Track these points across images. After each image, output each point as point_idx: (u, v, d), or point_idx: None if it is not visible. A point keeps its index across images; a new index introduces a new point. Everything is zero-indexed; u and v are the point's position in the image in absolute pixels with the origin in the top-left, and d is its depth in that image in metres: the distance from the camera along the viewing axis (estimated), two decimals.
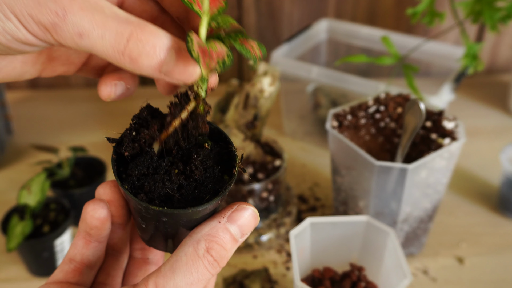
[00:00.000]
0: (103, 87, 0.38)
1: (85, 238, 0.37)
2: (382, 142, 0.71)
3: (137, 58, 0.31)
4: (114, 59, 0.32)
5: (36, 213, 0.70)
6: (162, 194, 0.34)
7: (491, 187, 0.86)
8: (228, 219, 0.34)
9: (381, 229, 0.59)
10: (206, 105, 0.36)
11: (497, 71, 1.22)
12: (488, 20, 0.70)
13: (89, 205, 0.36)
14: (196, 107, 0.35)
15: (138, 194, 0.34)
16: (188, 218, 0.34)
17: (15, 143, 0.97)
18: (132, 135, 0.36)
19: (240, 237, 0.34)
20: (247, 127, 0.73)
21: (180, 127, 0.36)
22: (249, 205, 0.35)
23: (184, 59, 0.32)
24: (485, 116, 1.05)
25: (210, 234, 0.33)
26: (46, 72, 0.39)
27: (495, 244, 0.75)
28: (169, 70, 0.32)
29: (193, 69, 0.32)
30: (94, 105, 1.09)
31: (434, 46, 0.93)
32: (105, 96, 0.38)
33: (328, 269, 0.62)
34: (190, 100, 0.35)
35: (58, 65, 0.39)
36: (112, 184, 0.37)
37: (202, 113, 0.35)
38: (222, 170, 0.36)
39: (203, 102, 0.35)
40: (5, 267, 0.71)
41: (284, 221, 0.76)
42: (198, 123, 0.35)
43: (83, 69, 0.41)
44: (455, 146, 0.63)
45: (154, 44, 0.31)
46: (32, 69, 0.38)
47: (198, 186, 0.35)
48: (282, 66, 0.89)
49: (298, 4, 1.12)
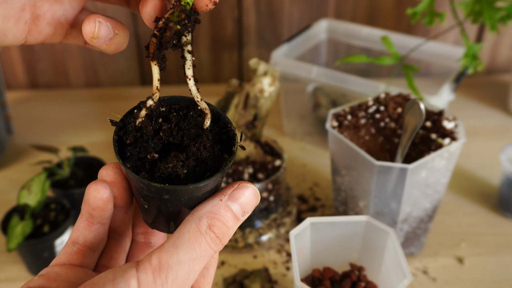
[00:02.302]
0: (86, 23, 0.36)
1: (88, 220, 0.37)
2: (382, 142, 0.71)
3: None
4: None
5: (36, 213, 0.70)
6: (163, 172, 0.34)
7: (491, 187, 0.86)
8: (230, 197, 0.34)
9: (381, 229, 0.59)
10: (182, 14, 0.34)
11: (497, 71, 1.22)
12: (488, 20, 0.70)
13: (91, 186, 0.36)
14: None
15: (140, 172, 0.34)
16: (189, 196, 0.34)
17: (15, 143, 0.97)
18: (135, 124, 0.36)
19: (242, 215, 0.35)
20: (247, 127, 0.73)
21: (180, 114, 0.36)
22: (250, 183, 0.35)
23: None
24: (485, 116, 1.05)
25: (212, 211, 0.33)
26: (32, 35, 0.38)
27: (495, 244, 0.75)
28: None
29: None
30: (94, 105, 1.09)
31: (434, 46, 0.93)
32: (88, 33, 0.36)
33: (328, 269, 0.62)
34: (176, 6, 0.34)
35: (44, 24, 0.38)
36: (114, 166, 0.37)
37: (174, 22, 0.34)
38: (222, 149, 0.37)
39: (180, 11, 0.34)
40: (5, 267, 0.71)
41: (284, 221, 0.76)
42: (169, 32, 0.34)
43: (71, 33, 0.39)
44: (455, 146, 0.63)
45: None
46: (16, 28, 0.37)
47: (199, 164, 0.35)
48: (282, 66, 0.89)
49: (298, 4, 1.12)
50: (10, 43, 0.38)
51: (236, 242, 0.73)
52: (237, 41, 1.15)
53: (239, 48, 1.16)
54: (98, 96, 1.13)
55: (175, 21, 0.33)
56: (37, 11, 0.37)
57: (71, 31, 0.39)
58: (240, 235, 0.73)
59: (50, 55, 1.13)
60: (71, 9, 0.39)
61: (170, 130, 0.36)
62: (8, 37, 0.37)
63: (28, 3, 0.37)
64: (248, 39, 1.15)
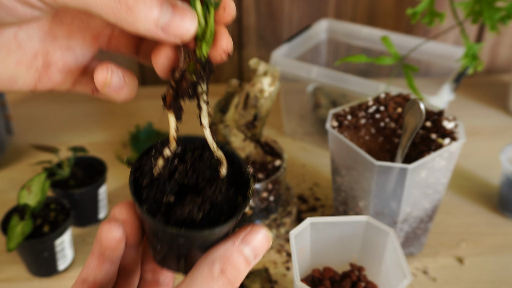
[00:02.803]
0: (98, 70, 0.36)
1: (99, 259, 0.37)
2: (382, 142, 0.71)
3: (134, 6, 0.31)
4: (109, 8, 0.31)
5: (36, 213, 0.70)
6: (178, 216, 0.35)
7: (491, 187, 0.86)
8: (242, 241, 0.34)
9: (381, 229, 0.59)
10: (199, 65, 0.34)
11: (497, 71, 1.22)
12: (488, 20, 0.70)
13: (104, 225, 0.36)
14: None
15: (156, 216, 0.34)
16: (203, 240, 0.34)
17: (15, 143, 0.97)
18: (151, 165, 0.36)
19: (254, 258, 0.35)
20: (247, 127, 0.73)
21: (194, 157, 0.37)
22: (262, 227, 0.35)
23: (181, 12, 0.32)
24: (485, 116, 1.05)
25: (225, 255, 0.34)
26: (42, 82, 0.38)
27: (495, 244, 0.75)
28: (166, 22, 0.32)
29: (190, 21, 0.32)
30: (94, 105, 1.09)
31: (434, 46, 0.93)
32: (100, 80, 0.36)
33: (328, 269, 0.62)
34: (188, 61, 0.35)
35: (55, 71, 0.38)
36: (128, 205, 0.37)
37: (191, 74, 0.34)
38: (236, 191, 0.37)
39: (196, 62, 0.34)
40: (5, 267, 0.71)
41: (284, 221, 0.76)
42: (186, 84, 0.35)
43: (80, 81, 0.40)
44: (455, 146, 0.63)
45: None
46: (27, 74, 0.37)
47: (214, 208, 0.35)
48: (282, 66, 0.89)
49: (298, 4, 1.12)
50: (19, 88, 0.38)
51: None
52: (237, 41, 1.15)
53: (239, 48, 1.16)
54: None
55: (191, 72, 0.34)
56: (49, 58, 0.38)
57: (80, 79, 0.40)
58: None
59: None
60: (82, 58, 0.39)
61: (186, 171, 0.36)
62: (18, 83, 0.37)
63: (41, 51, 0.37)
64: (248, 39, 1.15)
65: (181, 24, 0.32)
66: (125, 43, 0.40)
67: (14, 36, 0.36)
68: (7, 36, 0.35)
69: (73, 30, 0.38)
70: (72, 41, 0.38)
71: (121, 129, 1.00)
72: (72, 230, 0.76)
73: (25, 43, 0.36)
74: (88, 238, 0.77)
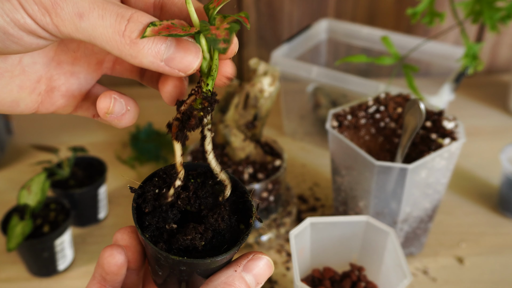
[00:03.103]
0: (102, 98, 0.36)
1: (100, 283, 0.37)
2: (382, 142, 0.71)
3: (138, 41, 0.31)
4: (114, 42, 0.31)
5: (36, 213, 0.70)
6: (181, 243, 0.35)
7: (491, 187, 0.86)
8: (244, 268, 0.35)
9: (381, 229, 0.59)
10: (205, 102, 0.35)
11: (497, 71, 1.22)
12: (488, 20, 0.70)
13: (106, 251, 0.37)
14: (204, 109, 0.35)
15: (158, 243, 0.34)
16: (205, 267, 0.35)
17: (15, 143, 0.97)
18: (155, 192, 0.36)
19: (255, 286, 0.35)
20: (247, 127, 0.73)
21: (196, 184, 0.37)
22: (264, 254, 0.36)
23: (184, 46, 0.32)
24: (485, 116, 1.05)
25: (227, 282, 0.34)
26: (44, 105, 0.38)
27: (495, 244, 0.75)
28: (169, 56, 0.32)
29: (194, 56, 0.33)
30: None
31: (434, 46, 0.93)
32: (103, 108, 0.36)
33: (328, 269, 0.62)
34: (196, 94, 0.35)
35: (57, 96, 0.38)
36: (130, 230, 0.38)
37: (197, 109, 0.35)
38: (238, 219, 0.37)
39: (202, 98, 0.35)
40: (5, 267, 0.71)
41: (284, 221, 0.76)
42: (192, 118, 0.35)
43: (82, 106, 0.40)
44: (455, 146, 0.63)
45: (156, 28, 0.31)
46: (29, 98, 0.37)
47: (216, 235, 0.36)
48: (282, 66, 0.89)
49: (298, 4, 1.12)
50: (21, 111, 0.38)
51: None
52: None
53: (239, 48, 1.16)
54: None
55: (198, 109, 0.34)
56: (53, 83, 0.38)
57: (82, 103, 0.40)
58: None
59: None
60: (85, 83, 0.39)
61: (188, 198, 0.37)
62: (20, 106, 0.37)
63: (45, 76, 0.37)
64: (248, 39, 1.15)
65: (185, 59, 0.32)
66: (129, 69, 0.40)
67: (18, 61, 0.36)
68: (11, 61, 0.35)
69: (78, 56, 0.38)
70: (76, 67, 0.38)
71: (121, 129, 1.00)
72: (72, 230, 0.76)
73: (29, 68, 0.36)
74: (88, 238, 0.77)
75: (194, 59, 0.33)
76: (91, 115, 0.40)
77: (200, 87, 0.35)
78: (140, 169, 0.90)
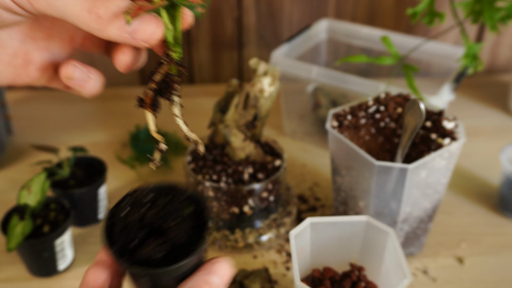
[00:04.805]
0: (64, 65, 0.41)
1: None
2: (382, 142, 0.71)
3: (103, 16, 0.35)
4: (82, 18, 0.35)
5: (36, 213, 0.70)
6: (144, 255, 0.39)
7: (491, 187, 0.86)
8: (209, 272, 0.38)
9: (381, 229, 0.59)
10: (180, 67, 0.39)
11: (497, 71, 1.22)
12: (488, 20, 0.70)
13: (90, 269, 0.39)
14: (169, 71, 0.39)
15: (123, 256, 0.38)
16: (168, 276, 0.38)
17: (15, 143, 0.97)
18: (123, 214, 0.40)
19: (222, 285, 0.39)
20: (247, 127, 0.73)
21: (165, 204, 0.41)
22: (224, 258, 0.40)
23: (146, 19, 0.36)
24: (485, 116, 1.05)
25: (195, 286, 0.37)
26: (20, 77, 0.42)
27: (495, 244, 0.75)
28: (133, 28, 0.36)
29: (154, 27, 0.37)
30: (94, 105, 1.09)
31: (434, 46, 0.93)
32: (64, 73, 0.41)
33: (328, 269, 0.62)
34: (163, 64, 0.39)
35: (33, 69, 0.42)
36: None
37: (174, 75, 0.39)
38: (200, 231, 0.40)
39: (176, 64, 0.39)
40: (5, 267, 0.71)
41: (284, 221, 0.76)
42: (172, 85, 0.39)
43: (55, 78, 0.43)
44: (455, 146, 0.63)
45: (119, 4, 0.36)
46: (7, 71, 0.41)
47: (177, 247, 0.39)
48: (282, 66, 0.89)
49: (298, 4, 1.12)
50: (0, 83, 0.42)
51: (236, 242, 0.73)
52: (237, 41, 1.15)
53: (239, 48, 1.16)
54: (98, 96, 1.13)
55: (176, 75, 0.39)
56: (28, 57, 0.41)
57: (54, 76, 0.44)
58: (240, 235, 0.73)
59: None
60: (58, 57, 0.43)
61: (154, 215, 0.40)
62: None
63: (21, 50, 0.41)
64: (248, 39, 1.15)
65: (147, 30, 0.36)
66: (97, 44, 0.45)
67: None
68: None
69: (52, 33, 0.42)
70: (50, 43, 0.42)
71: (121, 129, 1.00)
72: (72, 230, 0.76)
73: (7, 43, 0.40)
74: (88, 238, 0.77)
75: (156, 30, 0.37)
76: (63, 86, 0.44)
77: (169, 55, 0.39)
78: (140, 169, 0.90)
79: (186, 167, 0.74)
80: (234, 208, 0.71)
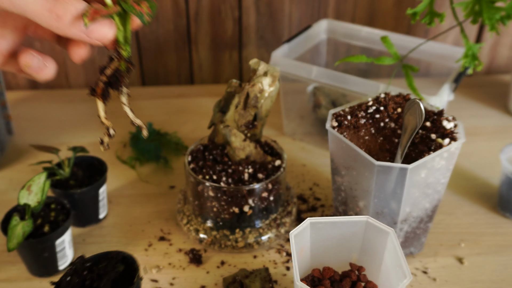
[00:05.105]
0: (23, 54, 0.46)
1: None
2: (382, 142, 0.71)
3: (62, 16, 0.40)
4: (42, 16, 0.40)
5: (36, 213, 0.70)
6: None
7: (491, 187, 0.86)
8: None
9: (381, 229, 0.59)
10: (129, 64, 0.46)
11: (497, 71, 1.22)
12: (488, 20, 0.70)
13: None
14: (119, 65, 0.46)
15: None
16: None
17: (15, 143, 0.97)
18: (67, 280, 0.56)
19: None
20: (247, 127, 0.73)
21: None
22: None
23: (100, 21, 0.42)
24: (485, 116, 1.05)
25: None
26: None
27: (495, 244, 0.75)
28: (89, 29, 0.41)
29: (107, 28, 0.43)
30: (94, 105, 1.09)
31: (434, 46, 0.93)
32: (23, 62, 0.46)
33: (328, 269, 0.62)
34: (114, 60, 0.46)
35: None
36: None
37: (123, 70, 0.47)
38: (130, 279, 0.57)
39: (125, 61, 0.46)
40: (5, 267, 0.71)
41: (284, 221, 0.76)
42: (121, 78, 0.47)
43: (9, 62, 0.48)
44: (454, 146, 0.63)
45: (76, 6, 0.41)
46: None
47: None
48: (282, 66, 0.89)
49: (298, 4, 1.12)
50: None
51: (236, 242, 0.73)
52: (237, 41, 1.15)
53: (239, 48, 1.17)
54: None
55: (125, 71, 0.47)
56: None
57: (8, 60, 0.49)
58: (240, 235, 0.73)
59: (50, 55, 1.13)
60: (12, 44, 0.48)
61: (92, 279, 0.56)
62: None
63: None
64: (248, 39, 1.15)
65: (101, 30, 0.42)
66: (49, 34, 0.50)
67: None
68: None
69: (6, 21, 0.47)
70: (5, 30, 0.47)
71: (121, 129, 1.00)
72: (72, 230, 0.76)
73: None
74: (88, 238, 0.77)
75: (109, 31, 0.43)
76: (16, 69, 0.49)
77: (119, 53, 0.45)
78: (140, 169, 0.90)
79: (186, 167, 0.74)
80: (234, 208, 0.71)
